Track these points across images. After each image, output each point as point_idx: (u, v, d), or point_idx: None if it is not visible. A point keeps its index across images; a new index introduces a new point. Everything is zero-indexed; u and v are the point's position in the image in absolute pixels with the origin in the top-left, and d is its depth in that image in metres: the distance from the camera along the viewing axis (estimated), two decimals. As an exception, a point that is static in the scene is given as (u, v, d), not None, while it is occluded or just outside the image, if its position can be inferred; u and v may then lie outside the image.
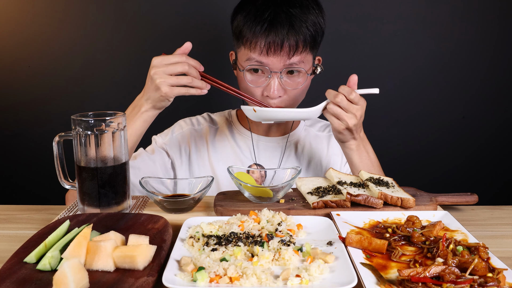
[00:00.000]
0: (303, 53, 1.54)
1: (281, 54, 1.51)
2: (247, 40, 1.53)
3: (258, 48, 1.51)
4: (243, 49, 1.57)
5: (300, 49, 1.53)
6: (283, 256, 0.96)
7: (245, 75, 1.58)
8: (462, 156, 2.30)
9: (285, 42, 1.49)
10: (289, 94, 1.58)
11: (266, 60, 1.52)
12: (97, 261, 0.91)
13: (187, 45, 1.44)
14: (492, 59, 2.21)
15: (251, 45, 1.53)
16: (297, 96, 1.61)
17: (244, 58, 1.57)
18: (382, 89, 2.23)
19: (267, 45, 1.50)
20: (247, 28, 1.52)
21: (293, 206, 1.27)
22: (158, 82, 1.39)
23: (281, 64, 1.52)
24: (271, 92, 1.54)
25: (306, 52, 1.56)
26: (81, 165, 1.23)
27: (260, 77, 1.57)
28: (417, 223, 1.10)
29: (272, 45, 1.50)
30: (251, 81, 1.57)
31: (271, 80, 1.54)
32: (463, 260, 0.91)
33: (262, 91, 1.58)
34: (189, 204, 1.28)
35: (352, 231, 1.10)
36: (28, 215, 1.33)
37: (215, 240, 1.02)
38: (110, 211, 1.24)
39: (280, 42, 1.49)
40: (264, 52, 1.51)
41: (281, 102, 1.58)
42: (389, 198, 1.24)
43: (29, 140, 2.28)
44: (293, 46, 1.50)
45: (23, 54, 2.21)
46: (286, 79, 1.56)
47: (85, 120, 1.21)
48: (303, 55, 1.55)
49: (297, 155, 1.77)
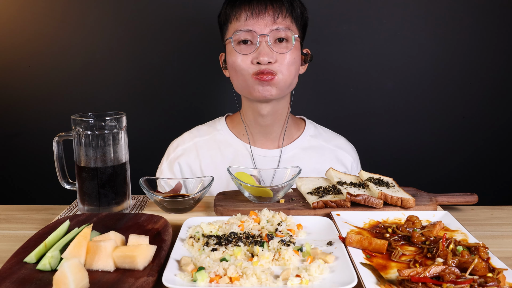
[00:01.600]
0: (287, 19, 1.59)
1: (266, 17, 1.56)
2: (232, 16, 1.60)
3: (243, 15, 1.57)
4: (229, 27, 1.62)
5: (284, 13, 1.58)
6: (283, 256, 0.96)
7: (234, 46, 1.60)
8: (462, 156, 2.30)
9: (269, 6, 1.57)
10: (280, 61, 1.57)
11: (252, 24, 1.57)
12: (97, 261, 0.91)
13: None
14: (493, 59, 2.21)
15: (236, 16, 1.59)
16: (289, 65, 1.58)
17: (231, 32, 1.61)
18: (382, 89, 2.24)
19: (250, 10, 1.56)
20: (230, 6, 1.61)
21: (293, 206, 1.27)
22: None
23: (267, 28, 1.57)
24: (260, 57, 1.55)
25: (291, 20, 1.60)
26: (81, 165, 1.23)
27: (249, 46, 1.59)
28: (417, 223, 1.10)
29: (256, 8, 1.56)
30: (240, 49, 1.59)
31: (259, 46, 1.56)
32: (463, 260, 0.92)
33: (251, 59, 1.58)
34: (189, 204, 1.29)
35: (352, 231, 1.11)
36: (28, 215, 1.33)
37: (215, 240, 1.02)
38: (110, 211, 1.24)
39: (264, 6, 1.56)
40: (250, 17, 1.56)
41: (272, 67, 1.56)
42: (389, 198, 1.24)
43: (29, 140, 2.28)
44: (276, 9, 1.57)
45: (23, 54, 2.21)
46: (274, 46, 1.58)
47: (85, 120, 1.21)
48: (288, 22, 1.59)
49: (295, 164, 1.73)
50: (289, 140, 1.76)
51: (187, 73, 2.22)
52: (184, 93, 2.25)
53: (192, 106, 2.26)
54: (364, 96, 2.25)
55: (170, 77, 2.23)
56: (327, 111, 2.25)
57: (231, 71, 1.64)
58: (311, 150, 1.76)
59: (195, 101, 2.26)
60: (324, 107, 2.26)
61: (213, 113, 1.97)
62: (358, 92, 2.25)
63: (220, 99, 2.25)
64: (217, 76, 2.20)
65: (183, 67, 2.22)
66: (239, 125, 1.77)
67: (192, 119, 1.90)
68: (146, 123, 2.25)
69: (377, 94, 2.25)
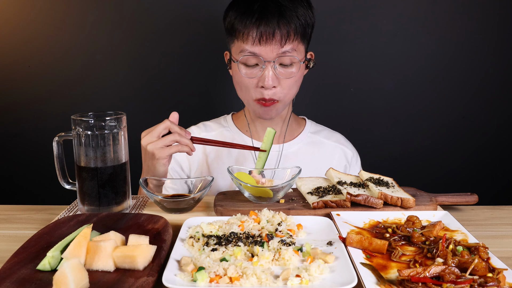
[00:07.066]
0: (294, 42, 1.57)
1: (273, 43, 1.54)
2: (239, 33, 1.57)
3: (251, 39, 1.55)
4: (236, 43, 1.60)
5: (292, 37, 1.56)
6: (283, 256, 0.96)
7: (239, 67, 1.60)
8: (462, 156, 2.30)
9: (276, 31, 1.53)
10: (283, 85, 1.60)
11: (259, 50, 1.55)
12: (97, 261, 0.91)
13: (175, 115, 1.46)
14: (493, 59, 2.21)
15: (243, 36, 1.56)
16: (291, 86, 1.62)
17: (237, 51, 1.60)
18: (382, 89, 2.24)
19: (259, 35, 1.53)
20: (238, 21, 1.56)
21: (293, 206, 1.27)
22: (150, 148, 1.41)
23: (274, 53, 1.55)
24: (265, 82, 1.56)
25: (298, 41, 1.59)
26: (81, 165, 1.23)
27: (254, 69, 1.59)
28: (417, 223, 1.10)
29: (264, 34, 1.53)
30: (246, 73, 1.59)
31: (265, 70, 1.56)
32: (463, 260, 0.92)
33: (257, 82, 1.59)
34: (189, 204, 1.29)
35: (352, 231, 1.11)
36: (28, 215, 1.33)
37: (215, 240, 1.02)
38: (110, 211, 1.24)
39: (272, 31, 1.53)
40: (257, 42, 1.54)
41: (274, 93, 1.60)
42: (389, 198, 1.24)
43: (29, 140, 2.28)
44: (284, 34, 1.54)
45: (23, 54, 2.21)
46: (280, 70, 1.58)
47: (85, 120, 1.21)
48: (295, 44, 1.58)
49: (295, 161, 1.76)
50: (290, 137, 1.81)
51: (188, 73, 2.22)
52: (185, 93, 2.25)
53: (193, 106, 2.26)
54: (364, 96, 2.25)
55: (170, 77, 2.23)
56: (328, 111, 2.25)
57: (236, 85, 1.68)
58: (312, 145, 1.82)
59: (196, 101, 2.26)
60: (324, 107, 2.26)
61: (214, 113, 1.97)
62: (358, 92, 2.25)
63: (222, 99, 2.25)
64: (218, 76, 2.21)
65: (184, 67, 2.22)
66: (243, 122, 1.82)
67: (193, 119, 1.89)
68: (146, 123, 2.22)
69: (377, 94, 2.25)
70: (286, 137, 1.80)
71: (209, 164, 1.77)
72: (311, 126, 1.88)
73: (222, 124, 1.84)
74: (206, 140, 1.48)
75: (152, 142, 1.41)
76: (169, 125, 1.41)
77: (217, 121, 1.87)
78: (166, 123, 1.41)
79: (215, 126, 1.84)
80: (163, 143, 1.40)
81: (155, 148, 1.41)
